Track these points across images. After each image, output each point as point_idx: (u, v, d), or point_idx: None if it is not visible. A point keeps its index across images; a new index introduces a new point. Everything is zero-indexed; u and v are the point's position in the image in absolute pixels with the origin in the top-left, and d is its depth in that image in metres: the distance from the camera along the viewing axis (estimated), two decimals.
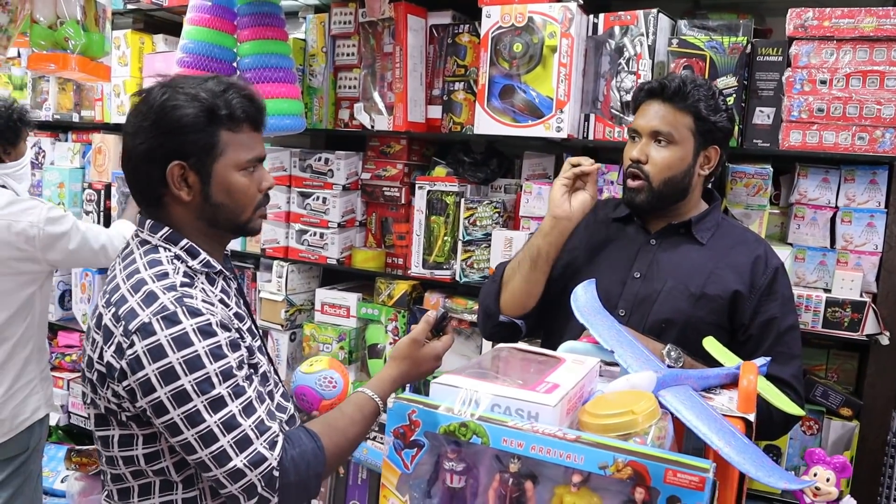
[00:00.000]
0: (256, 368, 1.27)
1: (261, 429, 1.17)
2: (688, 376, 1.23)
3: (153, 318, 1.15)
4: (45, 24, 1.91)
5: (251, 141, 1.29)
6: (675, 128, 1.61)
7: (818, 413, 1.99)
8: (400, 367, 1.38)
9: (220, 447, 1.14)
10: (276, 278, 2.66)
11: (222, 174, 1.26)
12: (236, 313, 1.29)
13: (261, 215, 1.34)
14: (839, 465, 1.30)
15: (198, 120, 1.22)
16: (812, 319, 1.88)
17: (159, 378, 1.14)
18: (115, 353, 1.17)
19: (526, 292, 1.71)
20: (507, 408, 0.97)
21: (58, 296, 3.26)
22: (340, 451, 1.27)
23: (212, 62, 2.23)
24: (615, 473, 0.86)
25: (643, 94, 1.67)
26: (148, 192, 1.28)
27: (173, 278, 1.21)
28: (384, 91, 2.40)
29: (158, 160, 1.23)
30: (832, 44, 1.81)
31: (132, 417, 1.21)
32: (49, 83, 3.26)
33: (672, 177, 1.62)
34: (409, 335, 1.40)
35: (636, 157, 1.64)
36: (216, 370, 1.15)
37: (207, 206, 1.27)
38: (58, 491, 3.19)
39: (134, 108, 1.27)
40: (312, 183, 2.57)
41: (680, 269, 1.64)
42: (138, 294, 1.18)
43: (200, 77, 1.28)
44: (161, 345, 1.14)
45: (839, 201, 1.93)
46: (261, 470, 1.15)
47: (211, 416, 1.14)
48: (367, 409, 1.32)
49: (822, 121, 1.82)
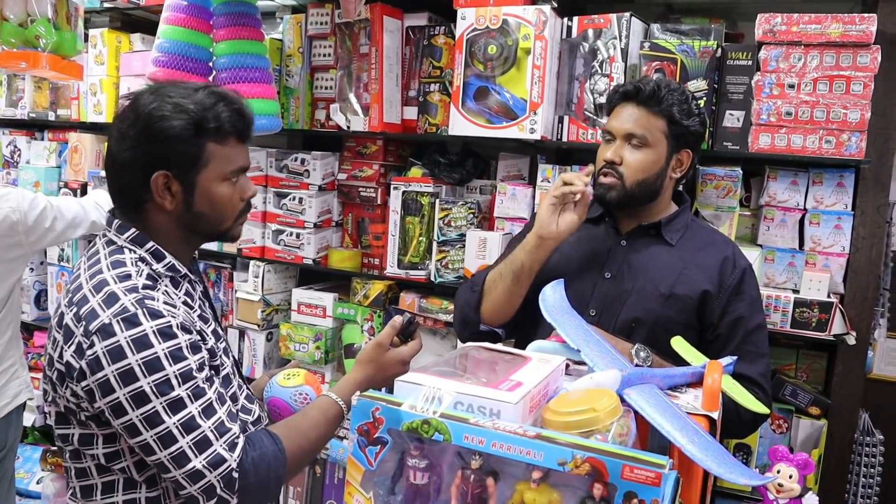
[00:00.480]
0: (219, 370, 1.27)
1: (220, 430, 1.17)
2: (653, 375, 1.25)
3: (113, 318, 1.15)
4: (15, 22, 1.90)
5: (236, 153, 1.29)
6: (648, 131, 1.63)
7: (787, 412, 2.01)
8: (365, 370, 1.38)
9: (178, 448, 1.14)
10: (253, 278, 2.66)
11: (206, 185, 1.26)
12: (200, 315, 1.29)
13: (241, 222, 1.35)
14: (802, 461, 1.32)
15: (185, 132, 1.22)
16: (781, 319, 1.91)
17: (118, 379, 1.14)
18: (74, 352, 1.17)
19: (507, 304, 1.72)
20: (470, 405, 0.97)
21: (33, 296, 3.23)
22: (302, 454, 1.27)
23: (187, 62, 2.22)
24: (574, 470, 0.87)
25: (618, 96, 1.69)
26: (129, 196, 1.28)
27: (136, 280, 1.21)
28: (360, 92, 2.40)
29: (142, 168, 1.23)
30: (800, 49, 1.84)
31: (91, 417, 1.20)
32: (25, 81, 3.23)
33: (645, 179, 1.64)
34: (374, 339, 1.41)
35: (610, 158, 1.66)
36: (175, 372, 1.15)
37: (189, 215, 1.28)
38: (33, 492, 3.17)
39: (121, 113, 1.26)
40: (289, 183, 2.57)
41: (649, 269, 1.66)
42: (100, 294, 1.18)
43: (191, 86, 1.27)
44: (121, 346, 1.14)
45: (808, 203, 1.96)
46: (220, 471, 1.15)
47: (170, 417, 1.14)
48: (331, 412, 1.32)
49: (791, 124, 1.85)
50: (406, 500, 0.99)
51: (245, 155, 1.33)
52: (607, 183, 1.66)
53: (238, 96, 1.32)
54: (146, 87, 1.28)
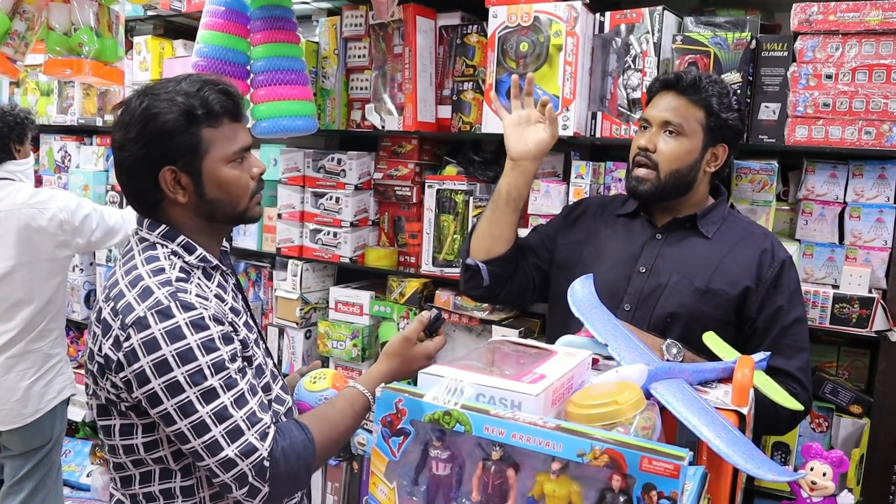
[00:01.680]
0: (251, 361, 1.30)
1: (252, 420, 1.21)
2: (681, 370, 1.24)
3: (148, 311, 1.19)
4: (60, 31, 1.98)
5: (233, 132, 1.31)
6: (685, 119, 1.62)
7: (828, 410, 1.97)
8: (391, 363, 1.41)
9: (212, 437, 1.18)
10: (291, 277, 2.71)
11: (212, 170, 1.29)
12: (232, 307, 1.32)
13: (257, 202, 1.37)
14: (836, 459, 1.30)
15: (178, 123, 1.25)
16: (820, 315, 1.87)
17: (153, 370, 1.17)
18: (112, 345, 1.21)
19: (490, 234, 1.73)
20: (492, 397, 0.99)
21: (83, 295, 3.34)
22: (330, 443, 1.30)
23: (226, 65, 2.28)
24: (592, 461, 0.88)
25: (658, 84, 1.69)
26: (145, 199, 1.31)
27: (169, 273, 1.24)
28: (394, 92, 2.43)
29: (149, 168, 1.27)
30: (837, 38, 1.80)
31: (131, 407, 1.25)
32: (74, 89, 3.35)
33: (678, 169, 1.63)
34: (401, 333, 1.43)
35: (644, 144, 1.66)
36: (208, 362, 1.19)
37: (203, 203, 1.31)
38: (83, 485, 3.28)
39: (117, 121, 1.30)
40: (326, 183, 2.61)
41: (685, 263, 1.64)
42: (135, 289, 1.22)
43: (175, 79, 1.30)
44: (155, 338, 1.17)
45: (847, 196, 1.92)
46: (251, 460, 1.19)
47: (203, 406, 1.18)
48: (358, 403, 1.35)
49: (828, 116, 1.81)
50: (429, 490, 1.00)
51: (244, 134, 1.34)
52: (641, 175, 1.65)
53: (221, 77, 1.34)
54: (133, 92, 1.31)
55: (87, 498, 3.22)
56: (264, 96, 2.27)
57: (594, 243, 1.75)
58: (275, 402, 1.35)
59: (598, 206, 1.85)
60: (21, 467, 2.45)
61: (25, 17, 1.84)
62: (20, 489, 2.47)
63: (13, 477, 2.47)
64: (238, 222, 1.40)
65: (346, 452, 2.61)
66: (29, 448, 2.45)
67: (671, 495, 0.84)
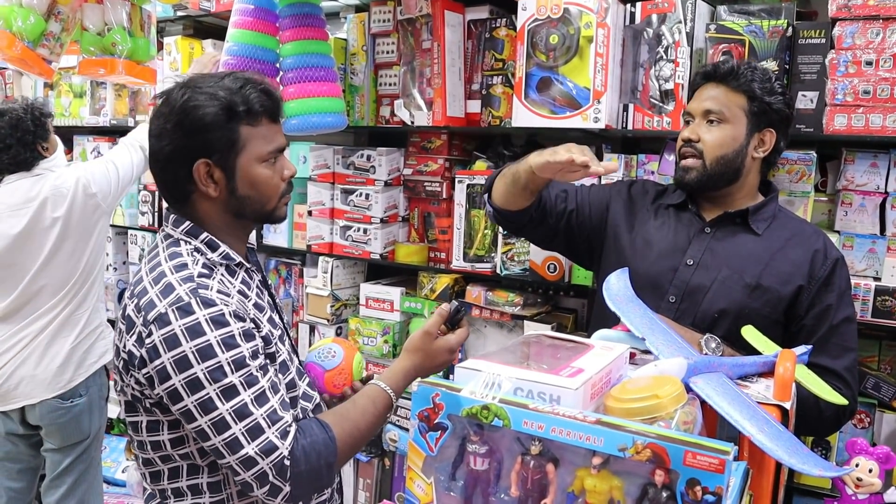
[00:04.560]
0: (274, 358, 1.30)
1: (273, 418, 1.20)
2: (721, 364, 1.22)
3: (169, 308, 1.19)
4: (94, 32, 2.00)
5: (270, 133, 1.32)
6: (726, 106, 1.62)
7: (870, 406, 1.93)
8: (413, 359, 1.39)
9: (232, 434, 1.18)
10: (322, 273, 2.71)
11: (246, 168, 1.29)
12: (256, 304, 1.32)
13: (285, 202, 1.38)
14: (882, 455, 1.27)
15: (218, 118, 1.25)
16: (861, 309, 1.82)
17: (174, 366, 1.18)
18: (136, 342, 1.22)
19: (504, 196, 1.73)
20: (530, 391, 0.98)
21: (116, 293, 3.39)
22: (353, 441, 1.29)
23: (255, 63, 2.29)
24: (634, 456, 0.86)
25: (699, 77, 1.70)
26: (177, 190, 1.32)
27: (191, 269, 1.25)
28: (423, 87, 2.42)
29: (184, 160, 1.27)
30: (878, 23, 1.75)
31: (155, 404, 1.25)
32: (106, 90, 3.39)
33: (724, 155, 1.62)
34: (421, 328, 1.41)
35: (687, 136, 1.65)
36: (228, 359, 1.19)
37: (234, 200, 1.31)
38: (119, 480, 3.32)
39: (156, 111, 1.31)
40: (355, 179, 2.61)
41: (734, 258, 1.61)
42: (158, 286, 1.23)
43: (217, 75, 1.31)
44: (175, 334, 1.18)
45: (889, 186, 1.86)
46: (272, 458, 1.18)
47: (223, 403, 1.18)
48: (380, 400, 1.34)
49: (869, 103, 1.77)
50: (467, 485, 0.99)
51: (280, 135, 1.35)
52: (687, 164, 1.65)
53: (262, 77, 1.35)
54: (175, 84, 1.32)
55: (122, 493, 3.26)
56: (294, 93, 2.28)
57: (642, 233, 1.73)
58: (302, 399, 1.35)
59: (654, 192, 1.81)
60: (60, 462, 2.50)
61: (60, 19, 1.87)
62: (60, 483, 2.52)
63: (54, 471, 2.52)
64: (265, 221, 1.40)
65: (377, 448, 2.61)
66: (68, 443, 2.49)
67: (716, 490, 0.82)
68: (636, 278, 1.59)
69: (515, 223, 1.80)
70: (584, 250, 1.85)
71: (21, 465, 2.57)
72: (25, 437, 2.53)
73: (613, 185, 1.88)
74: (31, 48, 2.02)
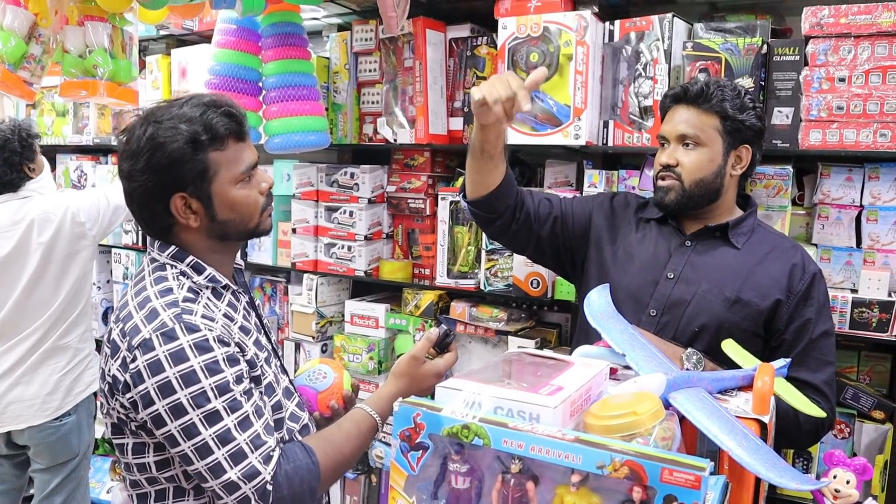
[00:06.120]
0: (259, 381, 1.30)
1: (256, 443, 1.20)
2: (700, 378, 1.23)
3: (153, 333, 1.19)
4: (75, 54, 2.01)
5: (239, 153, 1.30)
6: (700, 129, 1.62)
7: (849, 416, 1.95)
8: (398, 383, 1.39)
9: (214, 460, 1.18)
10: (307, 291, 2.71)
11: (222, 193, 1.29)
12: (242, 326, 1.32)
13: (268, 214, 1.37)
14: (860, 467, 1.28)
15: (184, 151, 1.24)
16: (839, 320, 1.85)
17: (157, 392, 1.18)
18: (120, 366, 1.22)
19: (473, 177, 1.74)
20: (510, 410, 0.98)
21: (101, 313, 3.37)
22: (336, 466, 1.29)
23: (238, 83, 2.31)
24: (612, 473, 0.87)
25: (668, 99, 1.70)
26: (156, 225, 1.32)
27: (176, 294, 1.25)
28: (406, 105, 2.44)
29: (159, 197, 1.27)
30: (850, 40, 1.79)
31: (140, 427, 1.25)
32: (89, 109, 3.39)
33: (703, 178, 1.63)
34: (409, 352, 1.41)
35: (665, 161, 1.66)
36: (212, 385, 1.19)
37: (216, 225, 1.31)
38: (103, 501, 3.30)
39: (123, 151, 1.29)
40: (339, 197, 2.62)
41: (714, 271, 1.63)
42: (143, 311, 1.23)
43: (177, 102, 1.29)
44: (159, 360, 1.18)
45: (864, 200, 1.90)
46: (254, 483, 1.18)
47: (206, 429, 1.18)
48: (365, 425, 1.34)
49: (842, 119, 1.80)
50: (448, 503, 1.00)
51: (250, 151, 1.33)
52: (666, 185, 1.65)
53: (223, 97, 1.32)
54: (135, 119, 1.30)
55: None
56: (277, 112, 2.29)
57: (624, 245, 1.74)
58: (288, 420, 1.35)
59: (636, 205, 1.82)
60: (49, 482, 2.49)
61: (41, 41, 1.87)
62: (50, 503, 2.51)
63: (42, 491, 2.51)
64: (251, 237, 1.40)
65: (364, 465, 2.61)
66: (56, 462, 2.48)
67: None
68: (617, 291, 1.60)
69: (493, 213, 1.77)
70: (567, 260, 1.86)
71: (4, 486, 2.55)
72: (10, 458, 2.52)
73: (596, 197, 1.89)
74: (12, 71, 2.02)
